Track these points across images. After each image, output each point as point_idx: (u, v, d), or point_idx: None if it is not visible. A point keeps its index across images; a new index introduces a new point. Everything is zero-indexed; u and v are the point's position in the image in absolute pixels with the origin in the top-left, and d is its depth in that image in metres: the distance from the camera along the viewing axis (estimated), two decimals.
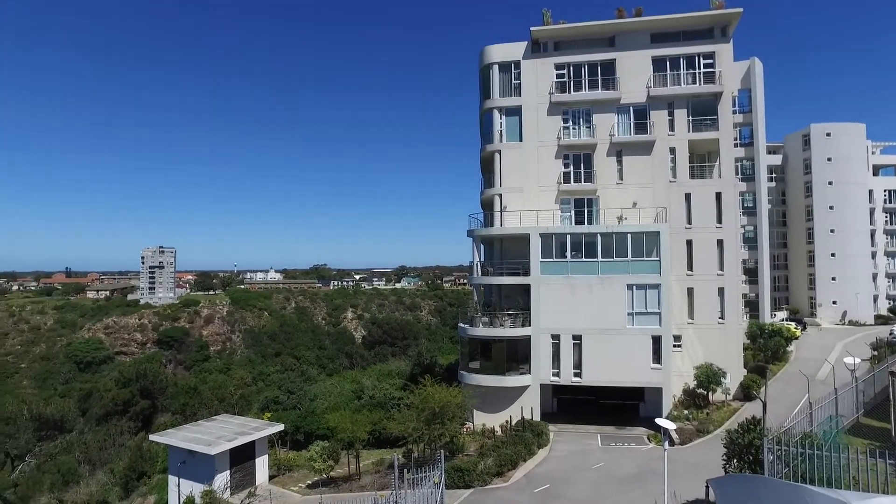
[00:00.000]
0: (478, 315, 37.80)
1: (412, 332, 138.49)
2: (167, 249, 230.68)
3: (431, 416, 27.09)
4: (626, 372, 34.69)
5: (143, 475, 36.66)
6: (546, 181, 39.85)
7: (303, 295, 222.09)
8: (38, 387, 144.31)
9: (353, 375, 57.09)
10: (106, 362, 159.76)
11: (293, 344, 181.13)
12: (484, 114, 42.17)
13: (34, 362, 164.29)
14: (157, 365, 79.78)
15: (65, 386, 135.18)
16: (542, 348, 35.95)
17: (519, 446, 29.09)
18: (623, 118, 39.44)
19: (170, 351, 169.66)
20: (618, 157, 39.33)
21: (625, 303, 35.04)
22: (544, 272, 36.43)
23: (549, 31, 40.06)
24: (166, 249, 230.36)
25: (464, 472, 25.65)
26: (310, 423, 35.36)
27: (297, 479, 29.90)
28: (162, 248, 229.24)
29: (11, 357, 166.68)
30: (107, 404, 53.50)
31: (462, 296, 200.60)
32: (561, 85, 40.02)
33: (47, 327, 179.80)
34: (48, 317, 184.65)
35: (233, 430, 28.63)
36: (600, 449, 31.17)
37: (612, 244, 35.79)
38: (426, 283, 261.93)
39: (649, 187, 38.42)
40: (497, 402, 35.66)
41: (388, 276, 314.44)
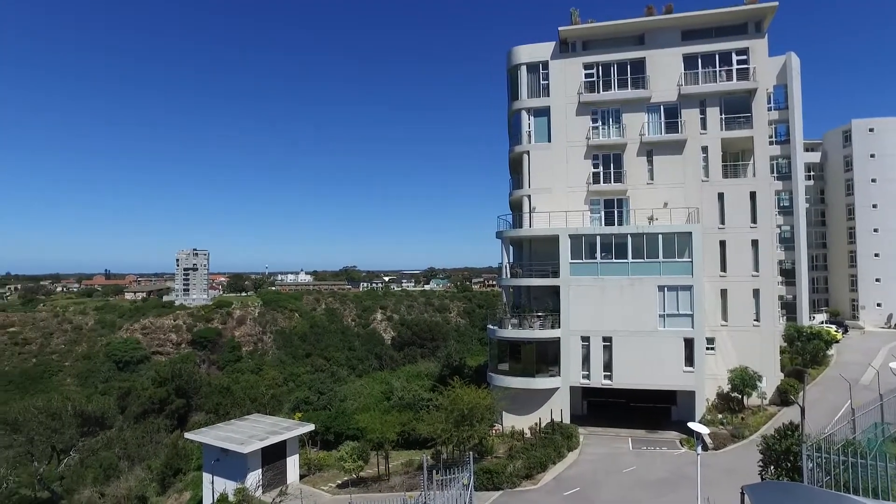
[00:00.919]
0: (507, 317, 37.67)
1: (441, 334, 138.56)
2: (201, 252, 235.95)
3: (460, 418, 27.08)
4: (658, 375, 34.12)
5: (178, 472, 37.57)
6: (575, 182, 39.51)
7: (333, 296, 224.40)
8: (81, 384, 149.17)
9: (383, 376, 57.51)
10: (143, 362, 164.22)
11: (323, 345, 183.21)
12: (512, 115, 42.04)
13: (77, 361, 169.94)
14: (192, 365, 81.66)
15: (105, 384, 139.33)
16: (572, 350, 35.62)
17: (548, 449, 28.87)
18: (653, 117, 38.84)
19: (203, 351, 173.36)
20: (648, 157, 38.75)
21: (656, 304, 34.48)
22: (574, 273, 36.11)
23: (578, 31, 39.71)
24: (200, 252, 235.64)
25: (493, 474, 25.58)
26: (340, 424, 35.72)
27: (328, 478, 30.23)
28: (196, 251, 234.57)
29: (56, 356, 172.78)
30: (144, 402, 55.06)
31: (491, 297, 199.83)
32: (590, 84, 39.64)
33: (88, 327, 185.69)
34: (89, 317, 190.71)
35: (264, 430, 29.10)
36: (631, 452, 30.72)
37: (642, 245, 35.27)
38: (455, 285, 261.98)
39: (681, 187, 37.74)
40: (526, 404, 35.47)
41: (417, 277, 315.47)
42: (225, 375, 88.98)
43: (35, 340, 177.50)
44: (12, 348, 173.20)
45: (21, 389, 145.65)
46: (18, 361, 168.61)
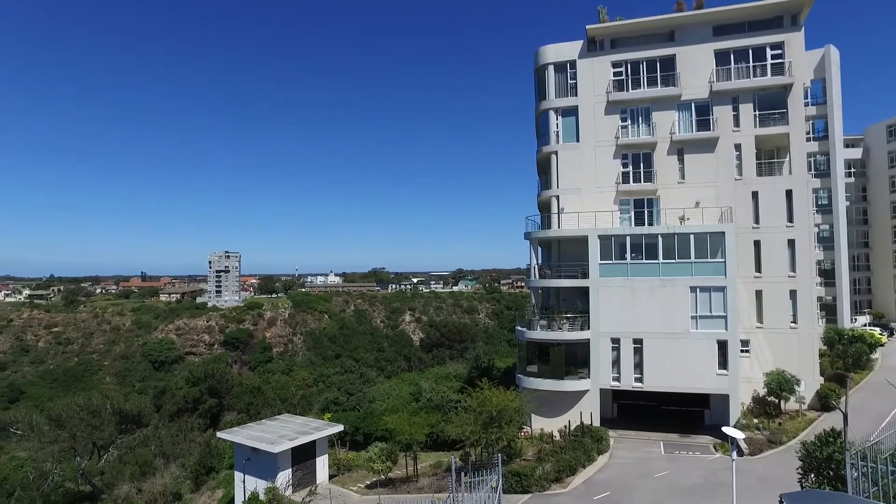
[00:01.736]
0: (535, 318, 37.40)
1: (469, 335, 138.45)
2: (232, 254, 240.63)
3: (489, 420, 26.95)
4: (690, 377, 33.41)
5: (211, 470, 38.32)
6: (604, 182, 39.01)
7: (362, 298, 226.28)
8: (119, 383, 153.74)
9: (411, 378, 57.71)
10: (177, 362, 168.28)
11: (352, 346, 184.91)
12: (540, 115, 41.74)
13: (115, 360, 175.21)
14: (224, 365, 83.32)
15: (141, 383, 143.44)
16: (602, 352, 35.16)
17: (578, 452, 28.52)
18: (684, 115, 38.07)
19: (235, 352, 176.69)
20: (679, 156, 38.00)
21: (688, 306, 33.79)
22: (603, 274, 35.65)
23: (606, 29, 39.21)
24: (231, 254, 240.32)
25: (521, 477, 25.39)
26: (368, 425, 35.94)
27: (357, 479, 30.43)
28: (227, 253, 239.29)
29: (96, 355, 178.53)
30: (178, 402, 56.35)
31: (519, 299, 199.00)
32: (618, 83, 39.09)
33: (126, 328, 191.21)
34: (126, 318, 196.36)
35: (294, 430, 29.45)
36: (663, 457, 30.12)
37: (673, 245, 34.62)
38: (483, 286, 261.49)
39: (713, 186, 36.91)
40: (555, 406, 35.13)
41: (445, 279, 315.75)
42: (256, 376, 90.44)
43: (77, 340, 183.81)
44: (56, 347, 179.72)
45: (64, 387, 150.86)
46: (62, 360, 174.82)
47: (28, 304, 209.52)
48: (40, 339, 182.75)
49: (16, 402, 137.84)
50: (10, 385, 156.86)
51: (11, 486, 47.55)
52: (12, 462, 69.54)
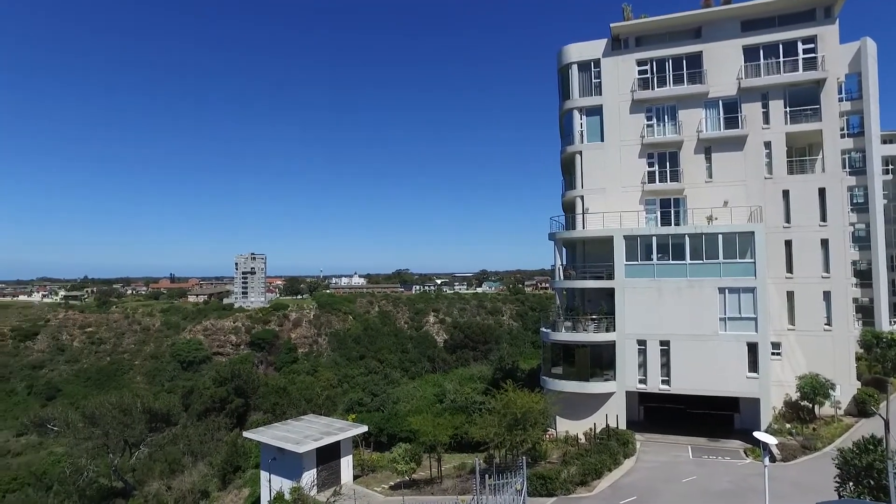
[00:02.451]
0: (560, 319, 37.07)
1: (494, 337, 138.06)
2: (258, 256, 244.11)
3: (513, 422, 26.76)
4: (719, 380, 32.72)
5: (237, 469, 38.81)
6: (629, 181, 38.49)
7: (386, 299, 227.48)
8: (149, 382, 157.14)
9: (435, 379, 57.73)
10: (205, 362, 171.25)
11: (377, 347, 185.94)
12: (563, 115, 41.39)
13: (145, 360, 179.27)
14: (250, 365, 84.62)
15: (170, 383, 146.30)
16: (628, 354, 34.68)
17: (604, 455, 28.14)
18: (711, 113, 37.35)
19: (261, 352, 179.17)
20: (706, 154, 37.29)
21: (716, 307, 33.11)
22: (629, 275, 35.17)
23: (630, 27, 38.70)
24: (257, 256, 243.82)
25: (546, 480, 25.12)
26: (393, 426, 36.02)
27: (381, 479, 30.50)
28: (253, 255, 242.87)
29: (127, 355, 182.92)
30: (206, 401, 57.23)
31: (544, 300, 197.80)
32: (643, 81, 38.54)
33: (155, 328, 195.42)
34: (156, 319, 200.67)
35: (319, 430, 29.65)
36: (691, 461, 29.53)
37: (701, 246, 33.98)
38: (507, 287, 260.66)
39: (741, 185, 36.11)
40: (580, 408, 34.75)
41: (469, 280, 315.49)
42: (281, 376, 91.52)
43: (109, 340, 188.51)
44: (90, 347, 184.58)
45: (97, 385, 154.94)
46: (95, 359, 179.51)
47: (63, 305, 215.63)
48: (75, 338, 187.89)
49: (53, 400, 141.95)
50: (47, 383, 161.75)
51: (50, 481, 48.98)
52: (50, 457, 71.77)
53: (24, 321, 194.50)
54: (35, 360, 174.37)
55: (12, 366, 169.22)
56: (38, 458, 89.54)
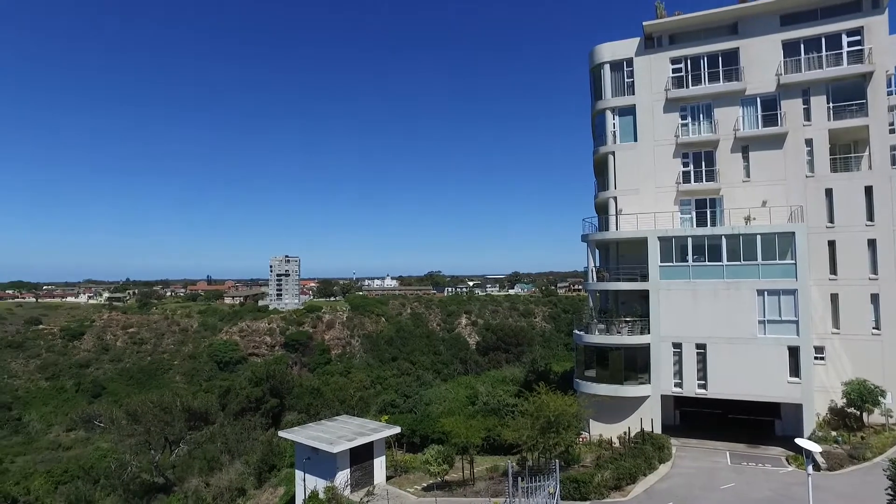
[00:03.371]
0: (593, 322, 36.68)
1: (526, 339, 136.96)
2: (292, 258, 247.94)
3: (546, 425, 26.57)
4: (759, 385, 31.82)
5: (273, 467, 39.50)
6: (663, 182, 37.83)
7: (418, 301, 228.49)
8: (187, 382, 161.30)
9: (468, 381, 57.61)
10: (240, 362, 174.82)
11: (409, 349, 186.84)
12: (596, 115, 40.96)
13: (184, 360, 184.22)
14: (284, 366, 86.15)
15: (208, 382, 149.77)
16: (663, 357, 34.06)
17: (638, 460, 27.70)
18: (749, 110, 36.40)
19: (295, 353, 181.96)
20: (743, 153, 36.35)
21: (755, 310, 32.25)
22: (664, 277, 34.56)
23: (664, 25, 38.07)
24: (291, 258, 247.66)
25: (580, 484, 24.86)
26: (425, 427, 36.16)
27: (413, 480, 30.65)
28: (288, 258, 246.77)
29: (167, 355, 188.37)
30: (242, 401, 58.35)
31: (577, 302, 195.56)
32: (677, 80, 37.85)
33: (193, 329, 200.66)
34: (194, 320, 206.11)
35: (352, 431, 29.97)
36: (729, 468, 28.80)
37: (738, 247, 33.16)
38: (540, 289, 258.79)
39: (781, 184, 35.07)
40: (614, 412, 34.29)
41: (501, 282, 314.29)
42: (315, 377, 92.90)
43: (149, 340, 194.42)
44: (132, 347, 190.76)
45: (139, 384, 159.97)
46: (137, 359, 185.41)
47: (107, 306, 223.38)
48: (118, 338, 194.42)
49: (98, 397, 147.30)
50: (93, 381, 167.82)
51: (97, 474, 50.83)
52: (97, 452, 74.39)
53: (71, 321, 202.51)
54: (82, 358, 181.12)
55: (62, 364, 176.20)
56: (86, 452, 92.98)
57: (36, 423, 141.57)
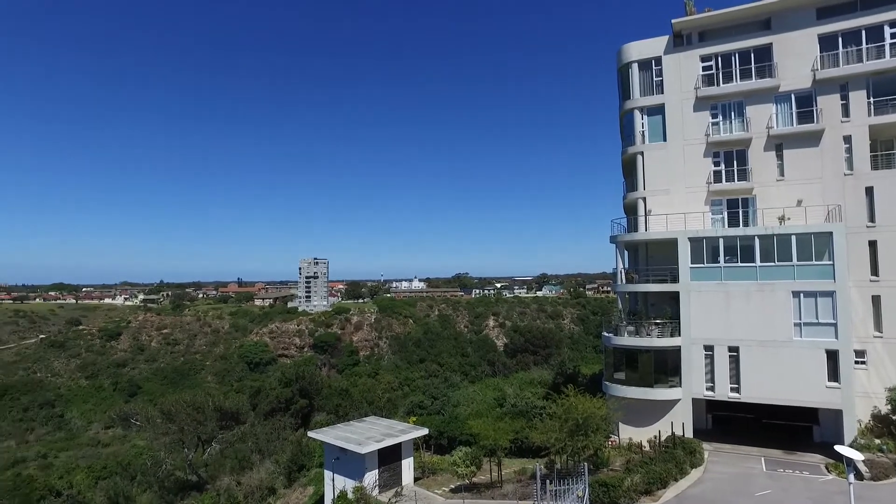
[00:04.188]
0: (623, 324, 36.21)
1: (554, 341, 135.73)
2: (321, 261, 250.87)
3: (574, 428, 26.30)
4: (795, 389, 30.94)
5: (302, 467, 39.97)
6: (694, 182, 37.13)
7: (445, 303, 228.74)
8: (219, 382, 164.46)
9: (495, 383, 57.45)
10: (270, 363, 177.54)
11: (437, 351, 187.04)
12: (624, 115, 40.46)
13: (215, 361, 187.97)
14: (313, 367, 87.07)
15: (239, 383, 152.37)
16: (694, 360, 33.42)
17: (669, 464, 27.22)
18: (783, 107, 35.45)
19: (324, 355, 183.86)
20: (777, 151, 35.42)
21: (790, 312, 31.39)
22: (694, 279, 33.92)
23: (693, 22, 37.39)
24: (320, 261, 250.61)
25: (609, 488, 24.53)
26: (453, 429, 36.17)
27: (441, 482, 30.69)
28: (316, 260, 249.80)
29: (199, 355, 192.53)
30: (272, 401, 59.21)
31: (605, 304, 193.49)
32: (708, 78, 37.12)
33: (224, 331, 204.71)
34: (225, 321, 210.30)
35: (380, 432, 30.15)
36: (765, 474, 28.07)
37: (772, 247, 32.34)
38: (568, 291, 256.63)
39: (817, 182, 34.05)
40: (644, 415, 33.77)
41: (529, 284, 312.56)
42: (344, 378, 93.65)
43: (182, 341, 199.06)
44: (166, 347, 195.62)
45: (173, 384, 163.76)
46: (171, 359, 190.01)
47: (142, 308, 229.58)
48: (153, 339, 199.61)
49: (134, 396, 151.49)
50: (129, 380, 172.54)
51: (134, 471, 52.30)
52: (133, 449, 76.50)
53: (109, 322, 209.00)
54: (119, 358, 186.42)
55: (100, 363, 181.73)
56: (123, 449, 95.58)
57: (77, 420, 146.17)
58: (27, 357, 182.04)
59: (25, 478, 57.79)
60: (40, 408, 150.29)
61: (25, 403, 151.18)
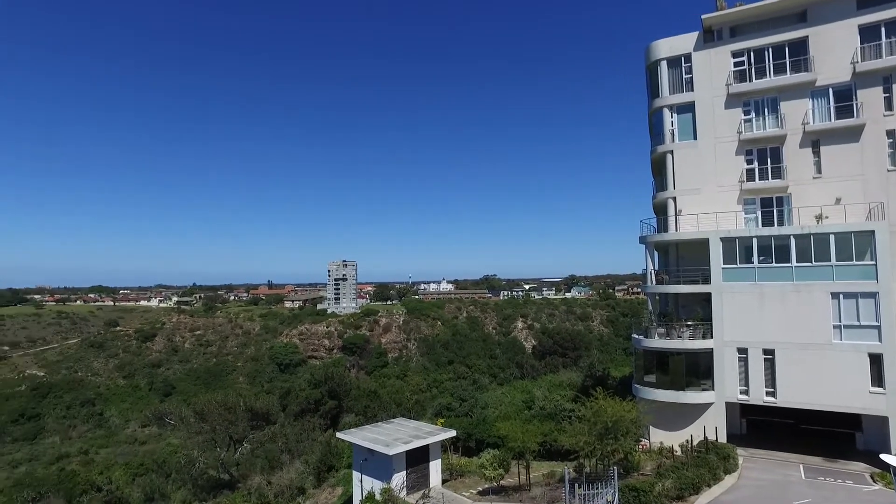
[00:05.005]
0: (653, 325, 35.58)
1: (583, 343, 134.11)
2: (349, 263, 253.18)
3: (604, 431, 25.93)
4: (835, 394, 29.90)
5: (331, 468, 40.33)
6: (725, 181, 36.27)
7: (474, 305, 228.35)
8: (250, 383, 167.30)
9: (524, 385, 57.07)
10: (300, 365, 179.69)
11: (465, 353, 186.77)
12: (653, 113, 39.79)
13: (247, 362, 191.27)
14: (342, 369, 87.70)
15: (269, 384, 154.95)
16: (727, 363, 32.61)
17: (702, 469, 26.59)
18: (820, 102, 34.32)
19: (353, 356, 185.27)
20: (814, 148, 34.31)
21: (829, 314, 30.37)
22: (727, 279, 33.13)
23: (725, 17, 36.55)
24: (349, 263, 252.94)
25: (639, 493, 24.08)
26: (481, 431, 36.04)
27: (469, 484, 30.58)
28: (345, 262, 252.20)
29: (230, 356, 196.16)
30: (301, 402, 59.84)
31: (635, 305, 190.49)
32: (739, 74, 36.23)
33: (255, 332, 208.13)
34: (256, 323, 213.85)
35: (408, 433, 30.19)
36: (803, 482, 27.14)
37: (809, 247, 31.36)
38: (597, 293, 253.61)
39: (857, 180, 32.87)
40: (675, 419, 33.11)
41: (557, 285, 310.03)
42: (372, 380, 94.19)
43: (214, 342, 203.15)
44: (199, 349, 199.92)
45: (205, 384, 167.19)
46: (203, 360, 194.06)
47: (176, 310, 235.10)
48: (186, 340, 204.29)
49: (169, 396, 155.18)
50: (164, 380, 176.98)
51: (169, 469, 53.53)
52: (168, 447, 78.40)
53: (144, 324, 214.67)
54: (154, 359, 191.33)
55: (136, 364, 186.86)
56: (158, 447, 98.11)
57: (115, 419, 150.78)
58: (69, 357, 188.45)
59: (69, 473, 60.22)
60: (81, 406, 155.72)
61: (68, 401, 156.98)
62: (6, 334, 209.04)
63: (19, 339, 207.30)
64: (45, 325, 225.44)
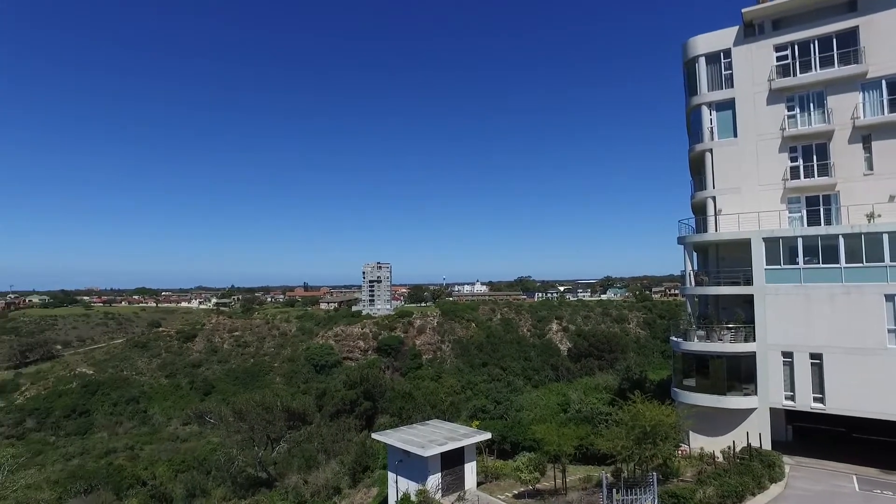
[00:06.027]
0: (692, 328, 34.72)
1: (619, 346, 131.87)
2: (384, 265, 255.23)
3: (642, 435, 25.36)
4: (890, 402, 28.50)
5: (367, 468, 40.62)
6: (768, 179, 35.15)
7: (508, 306, 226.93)
8: (286, 383, 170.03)
9: (559, 388, 56.49)
10: (335, 366, 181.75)
11: (499, 355, 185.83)
12: (691, 111, 38.88)
13: (283, 363, 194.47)
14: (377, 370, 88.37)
15: (305, 384, 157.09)
16: (771, 367, 31.55)
17: (745, 477, 25.75)
18: (871, 95, 32.90)
19: (387, 358, 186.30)
20: (864, 143, 32.92)
21: (883, 317, 29.01)
22: (770, 281, 32.06)
23: (767, 10, 35.44)
24: (383, 265, 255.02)
25: (679, 499, 23.47)
26: (516, 434, 35.77)
27: (504, 487, 30.36)
28: (380, 264, 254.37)
29: (267, 357, 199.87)
30: (337, 403, 60.55)
31: (673, 307, 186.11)
32: (783, 68, 35.05)
33: (291, 333, 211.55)
34: (292, 325, 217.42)
35: (443, 435, 30.16)
36: (857, 494, 25.89)
37: (860, 247, 30.06)
38: (634, 294, 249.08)
39: None
40: (716, 424, 32.20)
41: (593, 287, 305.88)
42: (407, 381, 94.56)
43: (252, 343, 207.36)
44: (237, 349, 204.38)
45: (243, 384, 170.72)
46: (241, 361, 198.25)
47: (215, 311, 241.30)
48: (225, 341, 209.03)
49: (209, 395, 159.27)
50: (204, 380, 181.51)
51: (209, 466, 54.98)
52: (208, 445, 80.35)
53: (185, 325, 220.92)
54: (194, 359, 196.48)
55: (178, 364, 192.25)
56: (199, 445, 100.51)
57: (158, 417, 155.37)
58: (115, 356, 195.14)
59: (117, 467, 62.55)
60: (127, 403, 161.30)
61: (115, 399, 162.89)
62: (59, 333, 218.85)
63: (70, 339, 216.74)
64: (93, 325, 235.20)
